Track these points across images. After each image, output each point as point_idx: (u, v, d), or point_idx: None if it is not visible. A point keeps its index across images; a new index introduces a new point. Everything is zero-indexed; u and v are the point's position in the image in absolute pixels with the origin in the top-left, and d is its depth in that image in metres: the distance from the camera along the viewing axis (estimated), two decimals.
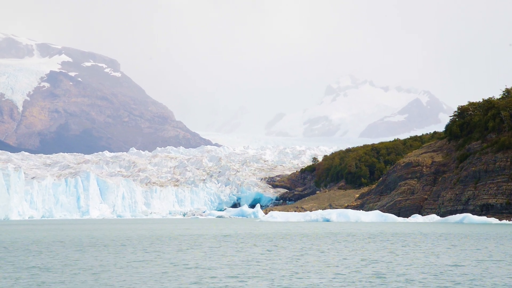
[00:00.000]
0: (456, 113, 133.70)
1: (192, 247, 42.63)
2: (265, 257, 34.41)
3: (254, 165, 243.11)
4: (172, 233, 64.57)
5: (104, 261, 33.20)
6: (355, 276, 26.31)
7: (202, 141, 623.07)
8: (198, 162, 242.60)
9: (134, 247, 43.33)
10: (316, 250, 38.74)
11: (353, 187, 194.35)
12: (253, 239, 50.85)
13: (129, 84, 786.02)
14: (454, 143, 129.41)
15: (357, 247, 42.33)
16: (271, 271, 27.90)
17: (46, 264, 31.94)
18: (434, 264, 31.29)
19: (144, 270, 28.83)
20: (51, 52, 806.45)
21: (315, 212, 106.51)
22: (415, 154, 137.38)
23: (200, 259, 34.11)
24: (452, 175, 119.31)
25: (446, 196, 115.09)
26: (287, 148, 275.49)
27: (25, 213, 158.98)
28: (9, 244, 46.79)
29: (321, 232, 62.49)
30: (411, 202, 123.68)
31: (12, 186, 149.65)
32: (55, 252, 39.50)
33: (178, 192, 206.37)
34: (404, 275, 26.84)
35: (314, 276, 26.25)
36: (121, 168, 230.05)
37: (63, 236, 58.28)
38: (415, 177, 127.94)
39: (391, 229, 70.14)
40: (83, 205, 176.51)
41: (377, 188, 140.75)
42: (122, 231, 70.10)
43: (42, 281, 25.52)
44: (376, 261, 32.15)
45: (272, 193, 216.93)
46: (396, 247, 42.03)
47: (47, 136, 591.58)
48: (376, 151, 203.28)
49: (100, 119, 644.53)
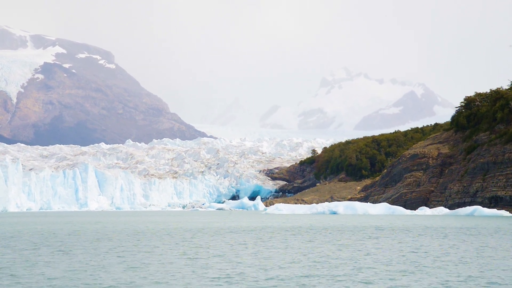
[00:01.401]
0: (463, 104, 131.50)
1: (258, 240, 40.29)
2: (353, 254, 31.64)
3: (252, 157, 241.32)
4: (196, 225, 62.23)
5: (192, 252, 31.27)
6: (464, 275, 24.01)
7: (197, 134, 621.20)
8: (196, 154, 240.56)
9: (187, 240, 40.99)
10: (374, 247, 35.74)
11: (353, 179, 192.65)
12: (289, 233, 48.52)
13: (124, 76, 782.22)
14: (461, 135, 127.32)
15: (407, 241, 39.72)
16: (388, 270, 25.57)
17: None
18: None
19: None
20: (45, 44, 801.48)
21: (321, 205, 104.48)
22: (421, 146, 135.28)
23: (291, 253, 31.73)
24: (459, 167, 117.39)
25: (453, 188, 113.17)
26: (284, 140, 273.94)
27: (23, 205, 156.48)
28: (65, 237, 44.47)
29: (347, 226, 59.91)
30: (417, 195, 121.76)
31: (10, 177, 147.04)
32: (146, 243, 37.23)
33: (176, 184, 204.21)
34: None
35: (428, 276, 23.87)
36: (119, 160, 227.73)
37: (113, 229, 55.99)
38: (421, 169, 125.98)
39: (410, 222, 67.91)
40: (81, 197, 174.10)
41: (382, 180, 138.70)
42: (140, 224, 67.55)
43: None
44: (460, 260, 29.26)
45: (271, 185, 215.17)
46: (446, 241, 39.53)
47: (41, 128, 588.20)
48: (376, 143, 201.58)
49: (94, 111, 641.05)
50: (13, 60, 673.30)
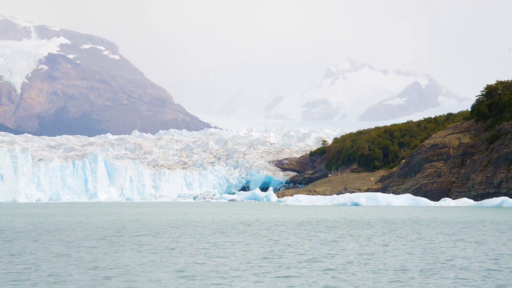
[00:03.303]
0: (484, 93, 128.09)
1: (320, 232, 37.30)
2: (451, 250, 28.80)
3: (261, 148, 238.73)
4: (239, 218, 59.00)
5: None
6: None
7: (201, 124, 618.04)
8: (204, 144, 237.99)
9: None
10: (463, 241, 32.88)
11: (366, 170, 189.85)
12: (335, 225, 45.51)
13: (128, 66, 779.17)
14: (482, 124, 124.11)
15: (477, 235, 36.74)
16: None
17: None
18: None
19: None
20: (49, 34, 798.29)
21: (342, 196, 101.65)
22: (440, 136, 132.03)
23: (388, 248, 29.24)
24: (482, 157, 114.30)
25: (476, 179, 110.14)
26: (291, 131, 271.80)
27: (32, 196, 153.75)
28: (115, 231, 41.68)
29: (391, 218, 56.47)
30: (438, 185, 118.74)
31: (19, 168, 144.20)
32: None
33: (186, 175, 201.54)
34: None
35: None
36: (126, 151, 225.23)
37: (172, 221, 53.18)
38: (442, 159, 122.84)
39: (450, 215, 64.43)
40: (91, 188, 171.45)
41: (400, 170, 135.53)
42: (171, 216, 63.96)
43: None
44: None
45: (281, 176, 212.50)
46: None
47: (45, 118, 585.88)
48: (389, 133, 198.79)
49: (99, 102, 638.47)
50: (17, 51, 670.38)
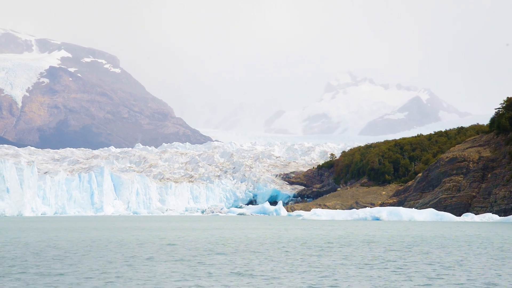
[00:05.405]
0: (503, 105, 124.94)
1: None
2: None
3: (267, 161, 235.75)
4: (269, 234, 55.77)
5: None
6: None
7: (202, 138, 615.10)
8: (210, 158, 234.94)
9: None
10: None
11: (376, 184, 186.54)
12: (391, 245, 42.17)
13: (129, 80, 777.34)
14: (503, 137, 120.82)
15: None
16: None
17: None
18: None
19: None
20: (50, 48, 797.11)
21: (363, 210, 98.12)
22: (459, 149, 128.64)
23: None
24: (504, 171, 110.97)
25: (499, 193, 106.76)
26: (295, 145, 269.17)
27: (38, 210, 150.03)
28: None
29: (432, 236, 53.29)
30: (458, 200, 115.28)
31: (25, 181, 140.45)
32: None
33: (193, 189, 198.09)
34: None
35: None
36: (131, 164, 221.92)
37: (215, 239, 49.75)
38: (461, 173, 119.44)
39: (488, 232, 60.99)
40: (97, 201, 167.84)
41: (418, 184, 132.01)
42: (225, 230, 60.73)
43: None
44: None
45: (289, 190, 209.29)
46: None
47: (46, 132, 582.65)
48: (399, 147, 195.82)
49: (99, 115, 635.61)
50: (18, 64, 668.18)
